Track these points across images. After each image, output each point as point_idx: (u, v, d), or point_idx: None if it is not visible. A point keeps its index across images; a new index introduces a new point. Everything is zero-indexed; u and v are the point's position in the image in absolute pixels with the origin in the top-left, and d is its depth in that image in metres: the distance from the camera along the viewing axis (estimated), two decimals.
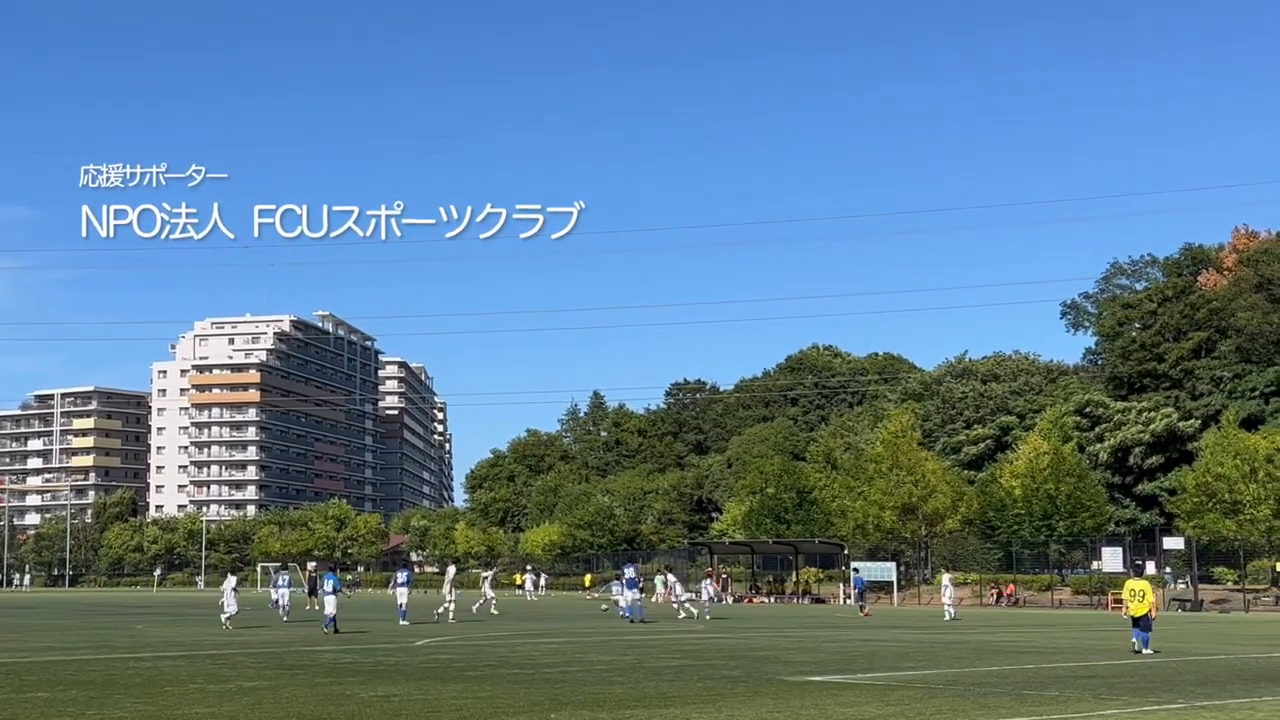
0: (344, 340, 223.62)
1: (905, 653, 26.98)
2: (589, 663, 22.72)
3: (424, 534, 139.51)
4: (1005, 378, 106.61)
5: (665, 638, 32.19)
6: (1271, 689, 18.17)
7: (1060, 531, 77.99)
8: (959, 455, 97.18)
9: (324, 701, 15.41)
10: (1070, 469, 78.94)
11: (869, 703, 15.66)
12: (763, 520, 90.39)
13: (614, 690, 17.09)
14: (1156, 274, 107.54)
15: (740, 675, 19.88)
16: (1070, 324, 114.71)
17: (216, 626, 36.88)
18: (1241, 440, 70.81)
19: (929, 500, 79.94)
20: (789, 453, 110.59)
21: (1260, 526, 67.70)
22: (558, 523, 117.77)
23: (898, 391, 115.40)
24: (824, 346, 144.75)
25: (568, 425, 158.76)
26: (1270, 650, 29.58)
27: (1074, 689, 17.93)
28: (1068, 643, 32.11)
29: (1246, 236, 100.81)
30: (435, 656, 24.13)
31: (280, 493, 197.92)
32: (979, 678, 20.08)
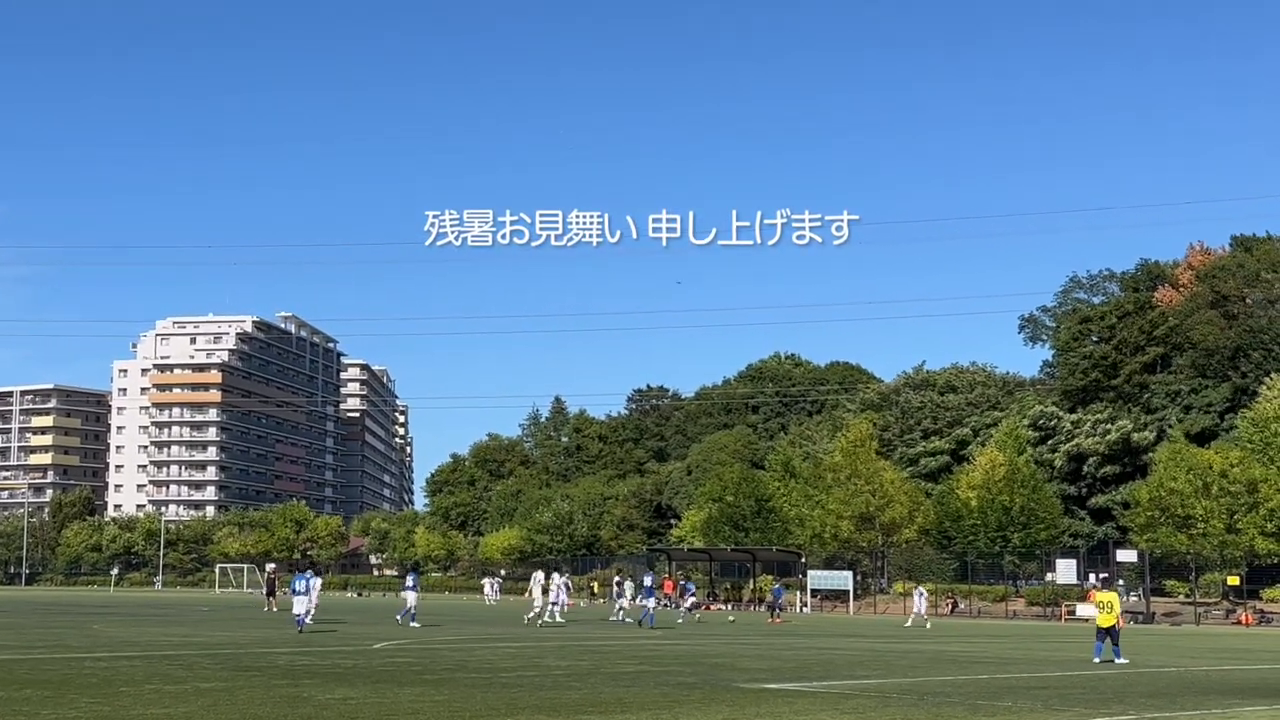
0: (306, 341, 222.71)
1: (860, 661, 27.14)
2: (546, 667, 22.77)
3: (384, 537, 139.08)
4: (962, 389, 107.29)
5: (623, 643, 32.26)
6: (1221, 701, 18.40)
7: (1015, 543, 78.61)
8: (917, 466, 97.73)
9: (280, 704, 15.39)
10: (1025, 481, 79.60)
11: (824, 711, 15.78)
12: (721, 528, 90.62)
13: (571, 695, 17.15)
14: (1114, 289, 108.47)
15: (696, 682, 19.96)
16: (1028, 337, 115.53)
17: (174, 626, 36.69)
18: (1194, 455, 71.55)
19: (886, 510, 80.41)
20: (748, 461, 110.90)
21: (1212, 541, 68.41)
22: (517, 527, 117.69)
23: (857, 401, 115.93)
24: (785, 355, 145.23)
25: (529, 430, 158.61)
26: (1220, 663, 29.95)
27: (1027, 700, 18.09)
28: (1021, 654, 32.38)
29: (1202, 253, 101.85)
30: (392, 660, 24.11)
31: (240, 493, 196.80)
32: (933, 687, 20.25)
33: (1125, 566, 74.80)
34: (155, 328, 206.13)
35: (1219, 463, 69.57)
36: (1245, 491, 68.20)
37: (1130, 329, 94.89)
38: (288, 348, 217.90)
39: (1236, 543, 68.28)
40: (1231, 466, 69.00)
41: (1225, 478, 68.61)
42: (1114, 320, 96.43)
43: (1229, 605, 68.71)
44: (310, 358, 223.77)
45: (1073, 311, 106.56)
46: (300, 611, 35.18)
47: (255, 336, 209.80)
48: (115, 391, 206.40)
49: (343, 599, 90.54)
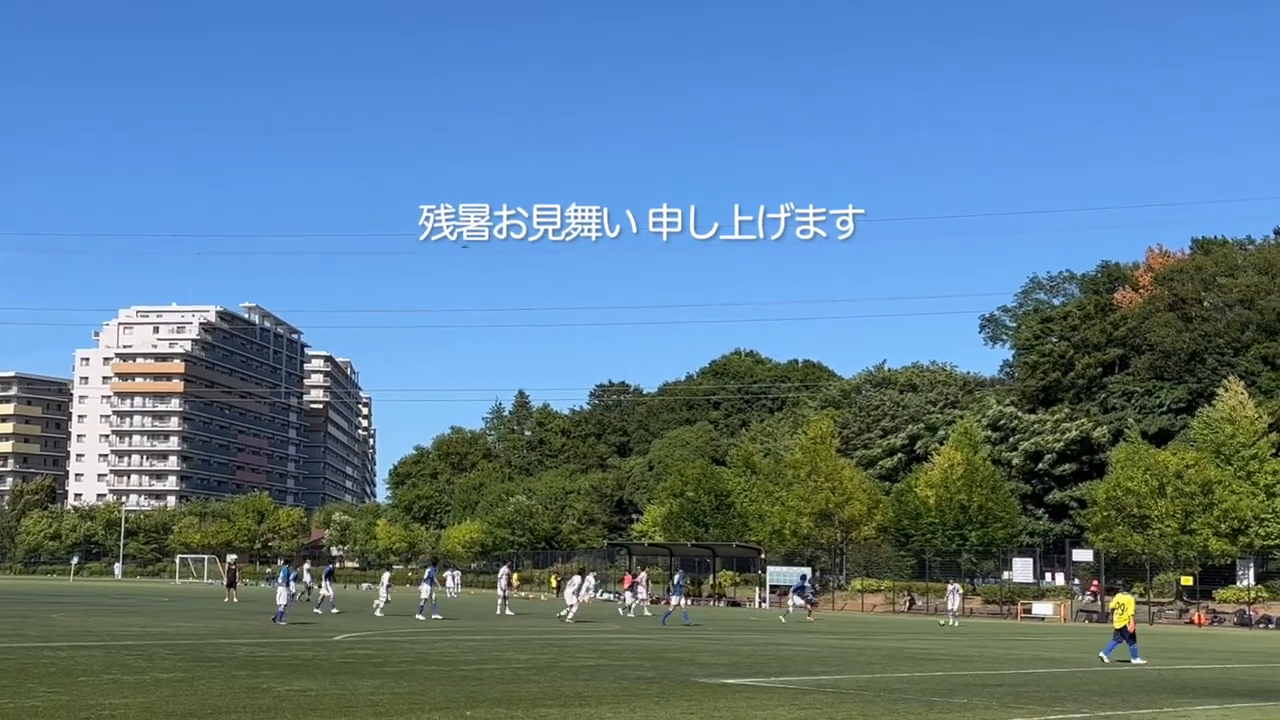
0: (270, 332, 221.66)
1: (818, 657, 27.31)
2: (506, 660, 22.83)
3: (345, 529, 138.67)
4: (923, 388, 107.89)
5: (583, 637, 32.36)
6: (1173, 700, 18.62)
7: (972, 541, 79.16)
8: (876, 466, 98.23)
9: (240, 694, 15.39)
10: (983, 480, 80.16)
11: (781, 706, 15.89)
12: (682, 523, 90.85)
13: (530, 688, 17.23)
14: (1074, 290, 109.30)
15: (655, 676, 20.07)
16: (989, 337, 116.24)
17: (134, 616, 36.53)
18: (1151, 456, 72.23)
19: (845, 507, 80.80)
20: (709, 456, 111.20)
21: (1167, 541, 69.13)
22: (479, 521, 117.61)
23: (818, 399, 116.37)
24: (747, 352, 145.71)
25: (492, 424, 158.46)
26: (1172, 662, 30.32)
27: (982, 697, 18.25)
28: (977, 651, 32.65)
29: (1161, 256, 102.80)
30: (353, 652, 24.12)
31: (201, 484, 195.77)
32: (889, 684, 20.43)
33: (1081, 565, 75.47)
34: (118, 316, 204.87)
35: (1174, 463, 70.28)
36: (1200, 492, 68.94)
37: (1090, 330, 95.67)
38: (251, 338, 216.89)
39: (1190, 543, 69.03)
40: (1187, 467, 69.72)
41: (1180, 478, 69.32)
42: (1075, 321, 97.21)
43: (1182, 605, 69.45)
44: (274, 349, 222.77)
45: (1033, 312, 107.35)
46: (282, 604, 35.37)
47: (219, 327, 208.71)
48: (77, 380, 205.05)
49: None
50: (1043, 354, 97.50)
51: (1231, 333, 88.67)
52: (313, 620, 37.74)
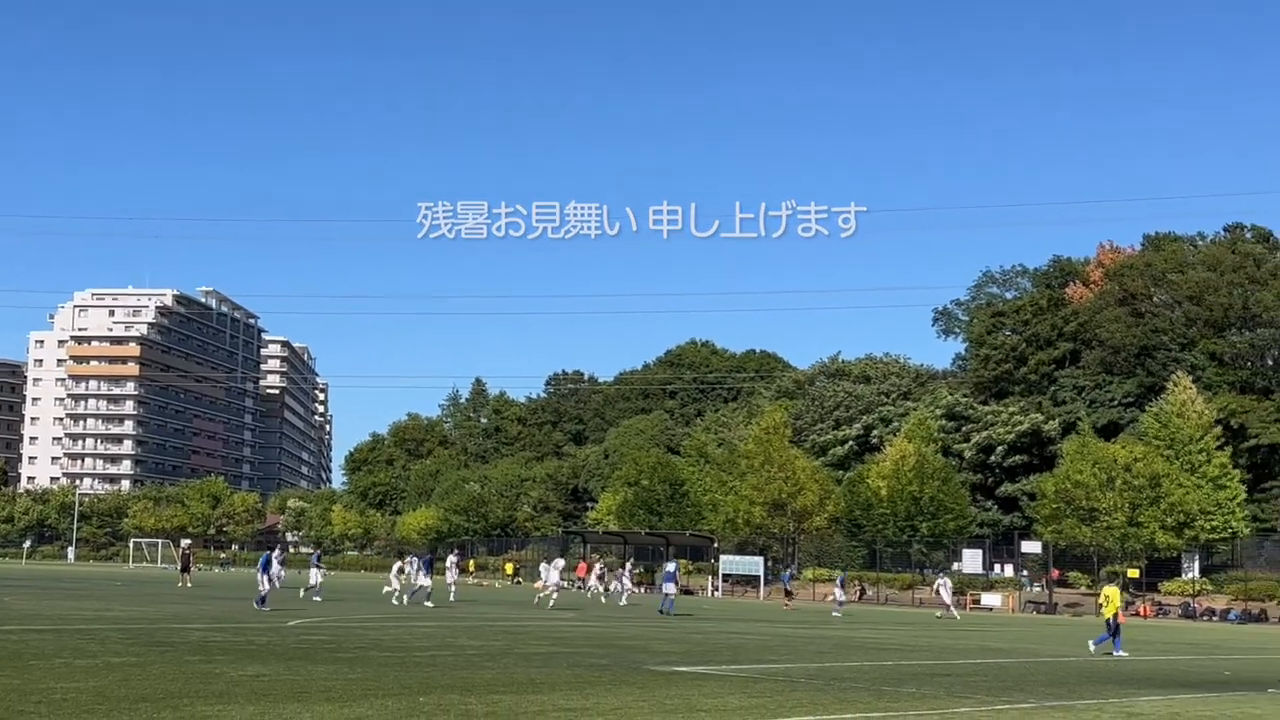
0: (227, 317, 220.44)
1: (769, 646, 27.53)
2: (460, 647, 22.90)
3: (300, 515, 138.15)
4: (876, 379, 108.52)
5: (536, 624, 32.45)
6: (1118, 691, 18.87)
7: (923, 532, 79.81)
8: (828, 455, 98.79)
9: (192, 679, 15.37)
10: (935, 471, 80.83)
11: (732, 694, 16.04)
12: (636, 511, 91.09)
13: (484, 675, 17.30)
14: (1026, 284, 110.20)
15: (608, 664, 20.19)
16: (941, 330, 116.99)
17: (86, 600, 36.29)
18: (1100, 449, 73.02)
19: (798, 497, 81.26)
20: (664, 446, 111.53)
21: (1115, 533, 69.95)
22: (434, 507, 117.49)
23: (772, 389, 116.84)
24: (702, 342, 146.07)
25: (448, 411, 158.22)
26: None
27: (930, 686, 18.45)
28: (926, 641, 32.98)
29: (1112, 251, 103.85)
30: (306, 637, 24.10)
31: (156, 468, 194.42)
32: (839, 673, 20.64)
33: (1030, 557, 76.28)
34: (73, 299, 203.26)
35: (1123, 456, 71.10)
36: (1148, 485, 69.80)
37: (1041, 324, 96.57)
38: (208, 323, 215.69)
39: (1138, 536, 69.90)
40: (1135, 461, 70.55)
41: (1129, 471, 70.15)
42: (1027, 315, 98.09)
43: (1129, 597, 70.30)
44: (230, 333, 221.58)
45: (985, 305, 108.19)
46: (265, 589, 35.64)
47: (175, 310, 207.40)
48: (31, 363, 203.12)
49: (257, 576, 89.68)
50: (994, 347, 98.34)
51: (1180, 328, 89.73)
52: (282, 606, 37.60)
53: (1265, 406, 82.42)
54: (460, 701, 13.97)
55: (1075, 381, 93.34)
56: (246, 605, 36.01)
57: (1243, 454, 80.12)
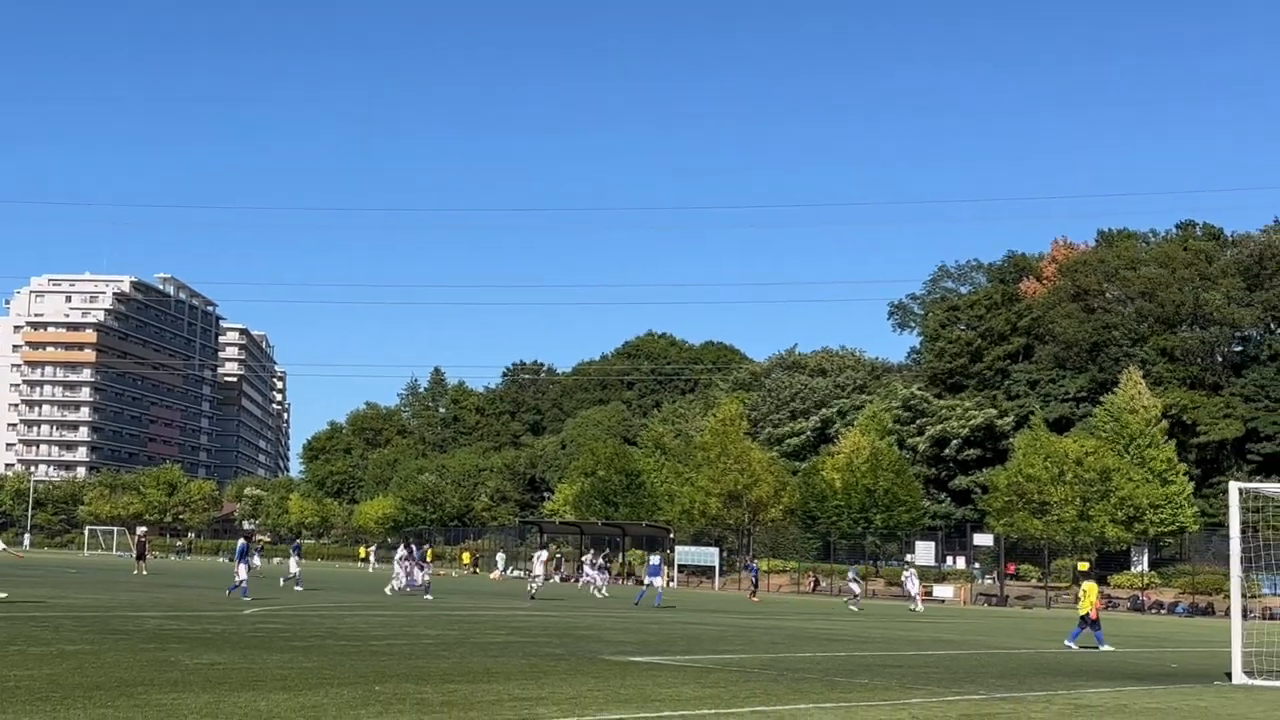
0: (185, 304, 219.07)
1: (723, 636, 27.65)
2: (416, 636, 22.93)
3: (257, 503, 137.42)
4: (832, 372, 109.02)
5: (493, 614, 32.49)
6: (1068, 683, 19.07)
7: (877, 524, 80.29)
8: (783, 446, 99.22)
9: (147, 667, 15.32)
10: (889, 464, 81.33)
11: (687, 684, 16.13)
12: (593, 502, 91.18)
13: (439, 664, 17.34)
14: (981, 279, 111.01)
15: (564, 653, 20.26)
16: (897, 323, 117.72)
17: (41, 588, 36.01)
18: (1052, 443, 73.70)
19: (753, 489, 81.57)
20: (621, 437, 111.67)
21: (1066, 527, 70.64)
22: (391, 496, 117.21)
23: (729, 381, 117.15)
24: (661, 334, 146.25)
25: (407, 400, 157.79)
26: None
27: (882, 677, 18.60)
28: (879, 632, 33.22)
29: (1065, 248, 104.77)
30: (262, 626, 24.05)
31: (113, 455, 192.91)
32: (792, 663, 20.78)
33: (982, 550, 76.91)
34: (30, 285, 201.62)
35: (1074, 450, 71.80)
36: (1098, 479, 70.53)
37: (996, 319, 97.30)
38: (166, 309, 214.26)
39: (1088, 529, 70.64)
40: (1086, 455, 71.27)
41: (1080, 465, 70.85)
42: (981, 310, 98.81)
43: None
44: (188, 320, 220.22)
45: (941, 300, 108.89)
46: (243, 578, 35.56)
47: (133, 297, 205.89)
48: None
49: (214, 564, 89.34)
50: (949, 341, 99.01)
51: (1131, 324, 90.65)
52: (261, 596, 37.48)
53: (1214, 402, 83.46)
54: (416, 690, 13.99)
55: (1029, 376, 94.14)
56: (203, 593, 35.88)
57: (1192, 449, 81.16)
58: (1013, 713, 14.54)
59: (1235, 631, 20.91)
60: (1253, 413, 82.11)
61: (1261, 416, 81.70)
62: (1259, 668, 21.07)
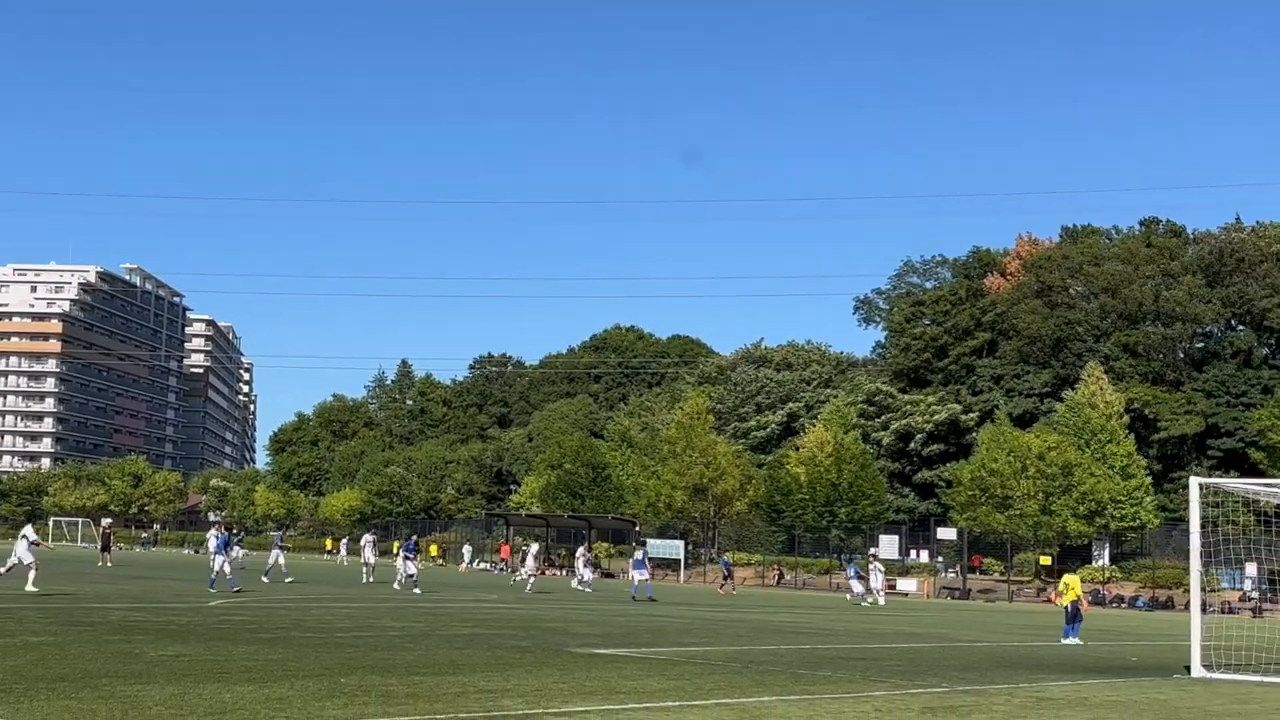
0: (151, 295, 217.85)
1: (688, 629, 27.76)
2: (382, 628, 22.93)
3: (223, 495, 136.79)
4: (797, 366, 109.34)
5: (459, 606, 32.52)
6: (1029, 676, 19.22)
7: (841, 517, 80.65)
8: (749, 439, 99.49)
9: (111, 659, 15.28)
10: (853, 458, 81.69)
11: (651, 676, 16.21)
12: (559, 494, 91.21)
13: (405, 656, 17.35)
14: (946, 274, 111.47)
15: (529, 646, 20.32)
16: (862, 318, 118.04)
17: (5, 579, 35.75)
18: (1015, 438, 74.21)
19: (719, 482, 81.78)
20: (588, 430, 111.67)
21: (1028, 521, 71.15)
22: (358, 489, 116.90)
23: (695, 375, 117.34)
24: (628, 327, 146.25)
25: (374, 392, 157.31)
26: (1030, 640, 31.30)
27: (845, 670, 18.71)
28: (843, 625, 33.40)
29: (1030, 243, 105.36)
30: (228, 618, 24.00)
31: (77, 446, 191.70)
32: (757, 656, 20.89)
33: (945, 544, 77.38)
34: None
35: (1037, 445, 72.31)
36: (1060, 474, 71.07)
37: (960, 314, 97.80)
38: (132, 300, 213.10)
39: (1050, 524, 71.17)
40: (1049, 450, 71.77)
41: (1042, 460, 71.36)
42: (946, 306, 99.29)
43: (1040, 584, 71.56)
44: (154, 311, 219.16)
45: (906, 295, 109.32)
46: (228, 571, 35.49)
47: (98, 288, 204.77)
48: None
49: (179, 555, 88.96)
50: (914, 336, 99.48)
51: (1095, 320, 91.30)
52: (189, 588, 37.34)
53: (1176, 398, 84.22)
54: (381, 682, 14.02)
55: (993, 371, 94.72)
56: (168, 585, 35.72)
57: (1153, 445, 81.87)
58: (975, 705, 14.66)
59: (1194, 625, 21.12)
60: (1213, 408, 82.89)
61: (1222, 412, 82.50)
62: (1217, 661, 21.30)
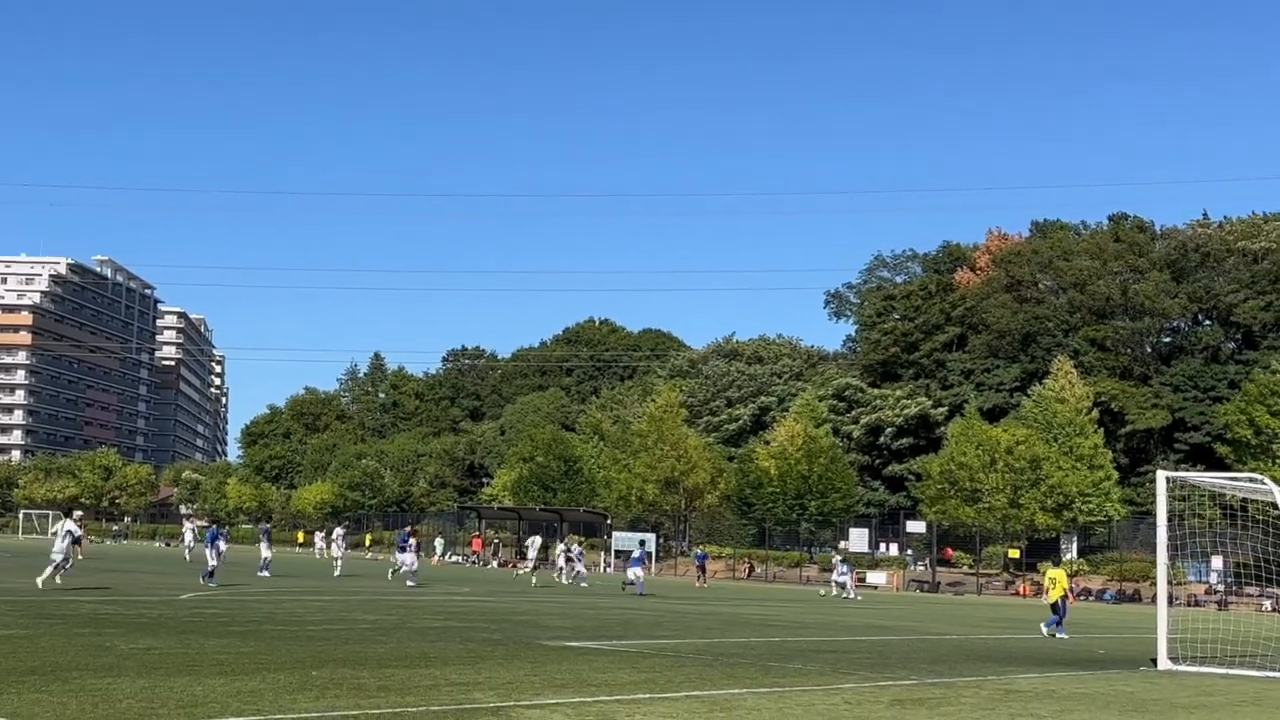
0: (122, 287, 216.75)
1: (659, 622, 27.81)
2: (353, 621, 22.92)
3: (195, 487, 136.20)
4: (769, 360, 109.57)
5: (430, 599, 32.50)
6: (997, 669, 19.33)
7: (812, 511, 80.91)
8: (720, 432, 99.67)
9: (82, 652, 15.23)
10: (823, 451, 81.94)
11: (622, 669, 16.26)
12: (531, 487, 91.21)
13: (376, 649, 17.35)
14: (916, 268, 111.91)
15: (500, 639, 20.33)
16: (833, 312, 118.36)
17: None
18: (983, 431, 74.61)
19: (690, 475, 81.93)
20: (560, 423, 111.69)
21: (997, 514, 71.55)
22: (330, 482, 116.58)
23: (667, 368, 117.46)
24: (602, 320, 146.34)
25: (346, 385, 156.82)
26: (998, 632, 31.47)
27: (815, 663, 18.78)
28: (813, 618, 33.51)
29: (1000, 238, 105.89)
30: (199, 611, 23.93)
31: (48, 439, 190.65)
32: (727, 648, 20.98)
33: (914, 536, 77.73)
34: None
35: (1005, 439, 72.70)
36: (1029, 467, 71.47)
37: (931, 309, 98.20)
38: (102, 292, 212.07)
39: (1018, 517, 71.59)
40: (1017, 443, 72.17)
41: (1011, 454, 71.75)
42: (917, 300, 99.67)
43: (1009, 577, 71.97)
44: (125, 303, 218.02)
45: (876, 289, 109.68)
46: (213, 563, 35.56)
47: (69, 279, 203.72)
48: None
49: (150, 549, 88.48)
50: (885, 331, 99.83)
51: (1064, 314, 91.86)
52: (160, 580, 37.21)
53: (1143, 392, 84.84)
54: (353, 675, 14.01)
55: (963, 365, 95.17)
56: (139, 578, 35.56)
57: (1120, 438, 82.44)
58: (943, 697, 14.76)
59: (1161, 618, 21.30)
60: (1180, 402, 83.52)
61: (1189, 406, 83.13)
62: (1183, 654, 21.48)
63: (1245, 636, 26.36)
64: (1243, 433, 69.65)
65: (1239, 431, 70.01)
